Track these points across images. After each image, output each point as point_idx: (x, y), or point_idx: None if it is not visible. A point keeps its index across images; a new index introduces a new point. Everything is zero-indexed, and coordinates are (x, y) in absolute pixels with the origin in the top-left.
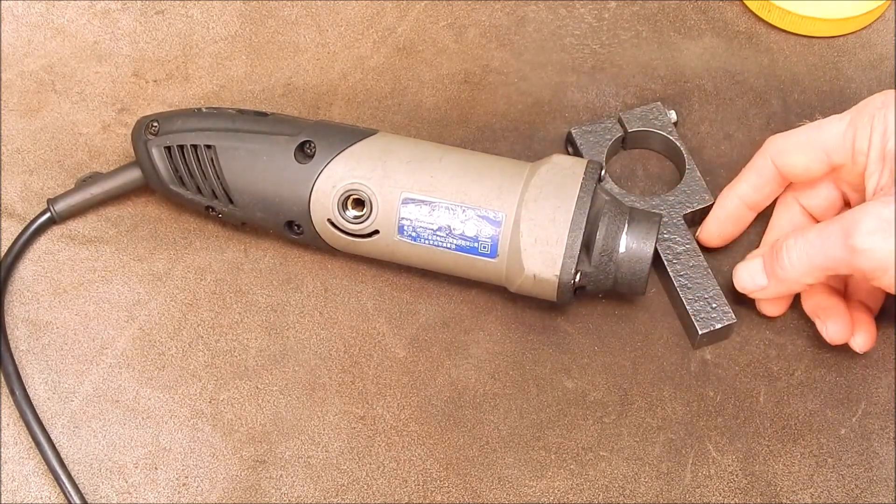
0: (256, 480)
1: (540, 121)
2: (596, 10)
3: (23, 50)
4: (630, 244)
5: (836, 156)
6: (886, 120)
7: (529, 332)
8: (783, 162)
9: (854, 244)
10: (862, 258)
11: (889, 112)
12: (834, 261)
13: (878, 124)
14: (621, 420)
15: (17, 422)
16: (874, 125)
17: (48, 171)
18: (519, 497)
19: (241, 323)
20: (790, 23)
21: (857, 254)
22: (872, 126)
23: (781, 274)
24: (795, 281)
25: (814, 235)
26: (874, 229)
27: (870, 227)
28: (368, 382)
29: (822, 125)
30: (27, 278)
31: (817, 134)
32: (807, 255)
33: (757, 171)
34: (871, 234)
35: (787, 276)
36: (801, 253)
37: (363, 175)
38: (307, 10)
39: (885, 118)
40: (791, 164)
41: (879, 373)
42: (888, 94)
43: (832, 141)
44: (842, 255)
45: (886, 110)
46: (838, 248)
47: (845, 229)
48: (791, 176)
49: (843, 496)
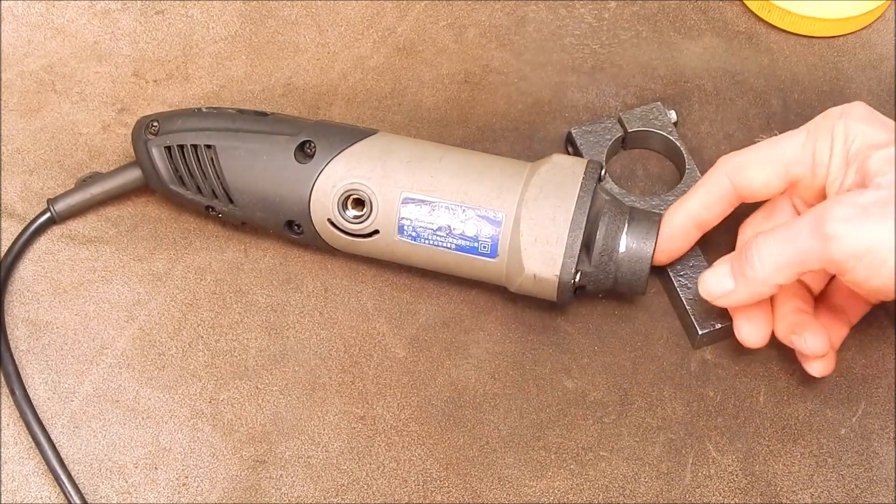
0: (256, 480)
1: (540, 121)
2: (596, 10)
3: (23, 50)
4: (630, 244)
5: (795, 168)
6: (847, 128)
7: (529, 332)
8: (740, 178)
9: (826, 231)
10: (835, 246)
11: (849, 121)
12: (806, 253)
13: (839, 133)
14: (621, 420)
15: (17, 422)
16: (834, 134)
17: (48, 171)
18: (519, 497)
19: (241, 323)
20: (790, 23)
21: (830, 241)
22: (833, 135)
23: (751, 273)
24: (765, 281)
25: (784, 229)
26: (846, 215)
27: (843, 213)
28: (368, 382)
29: (779, 140)
30: (27, 278)
31: (775, 148)
32: (778, 249)
33: (709, 188)
34: (844, 221)
35: (757, 274)
36: (772, 249)
37: (363, 175)
38: (307, 10)
39: (844, 126)
40: (749, 178)
41: (879, 373)
42: (844, 106)
43: (791, 154)
44: (814, 245)
45: (846, 119)
46: (810, 236)
47: (817, 217)
48: (748, 192)
49: (843, 496)
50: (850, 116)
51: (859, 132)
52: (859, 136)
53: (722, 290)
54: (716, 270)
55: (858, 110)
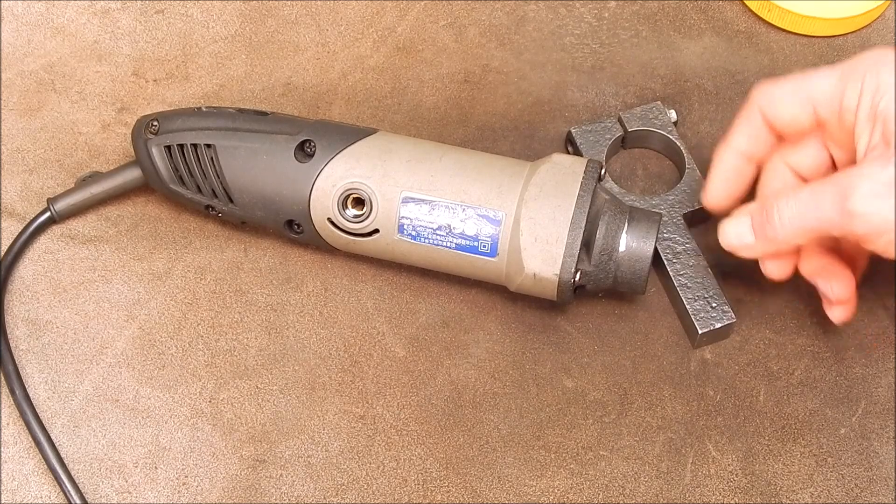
0: (256, 480)
1: (540, 120)
2: (596, 9)
3: (23, 49)
4: (630, 243)
5: (823, 109)
6: (879, 78)
7: (529, 332)
8: (771, 112)
9: (851, 207)
10: (858, 222)
11: (883, 71)
12: (827, 223)
13: (870, 82)
14: (621, 419)
15: (17, 421)
16: (865, 83)
17: (48, 171)
18: (519, 496)
19: (241, 322)
20: (790, 22)
21: (854, 217)
22: (863, 84)
23: (771, 234)
24: (784, 241)
25: (807, 196)
26: (872, 192)
27: (867, 189)
28: (368, 382)
29: (811, 76)
30: (27, 278)
31: (806, 84)
32: (799, 215)
33: (748, 122)
34: (869, 197)
35: (777, 236)
36: (794, 213)
37: (363, 174)
38: (307, 9)
39: (877, 76)
40: (778, 113)
41: (879, 373)
42: (882, 52)
43: (820, 94)
44: (836, 218)
45: (880, 68)
46: (833, 210)
47: (842, 191)
48: (778, 126)
49: (843, 496)
50: (885, 67)
51: (890, 85)
52: (889, 92)
53: (742, 244)
54: (738, 222)
55: (892, 63)
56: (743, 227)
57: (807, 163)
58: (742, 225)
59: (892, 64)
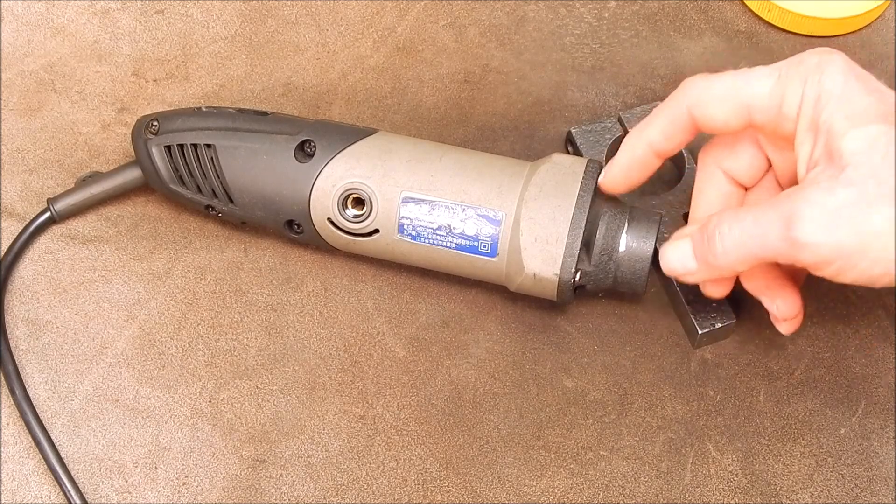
0: (256, 480)
1: (540, 120)
2: (596, 9)
3: (23, 49)
4: (630, 243)
5: (759, 115)
6: (821, 86)
7: (529, 332)
8: (700, 112)
9: (796, 237)
10: (804, 252)
11: (826, 75)
12: (772, 251)
13: (811, 91)
14: (621, 419)
15: (17, 421)
16: (805, 91)
17: (48, 171)
18: (519, 497)
19: (241, 322)
20: (790, 22)
21: (799, 247)
22: (804, 92)
23: (713, 261)
24: (728, 268)
25: (750, 224)
26: (818, 220)
27: (813, 217)
28: (368, 382)
29: (748, 77)
30: (27, 278)
31: (741, 86)
32: (742, 243)
33: (670, 117)
34: (815, 226)
35: (720, 263)
36: (736, 241)
37: (363, 174)
38: (307, 9)
39: (818, 84)
40: (709, 115)
41: (879, 373)
42: (824, 55)
43: (757, 99)
44: (782, 247)
45: (822, 72)
46: (778, 239)
47: (786, 219)
48: (707, 128)
49: (843, 496)
50: (826, 73)
51: (833, 95)
52: (833, 100)
53: (685, 269)
54: (677, 247)
55: (836, 66)
56: (684, 251)
57: (743, 167)
58: (683, 250)
59: (835, 67)
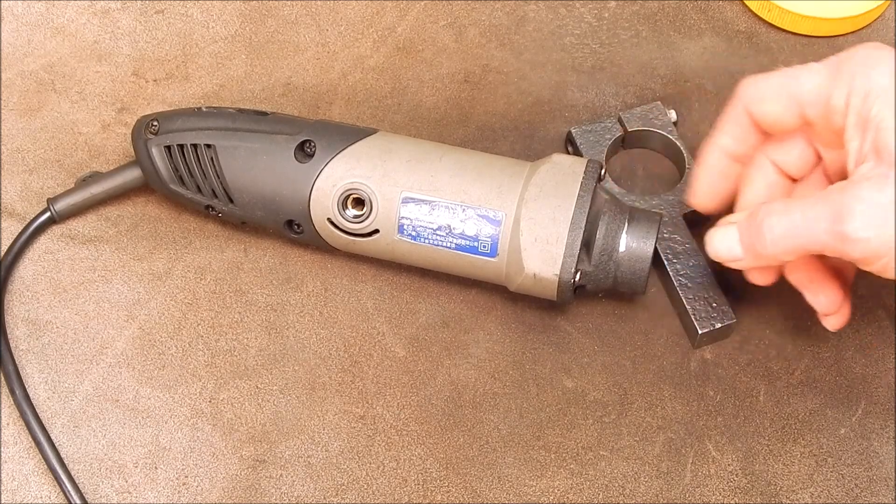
0: (256, 480)
1: (540, 120)
2: (596, 9)
3: (23, 50)
4: (630, 243)
5: (810, 110)
6: (869, 82)
7: (529, 332)
8: (756, 110)
9: (846, 232)
10: (854, 246)
11: (874, 72)
12: (820, 244)
13: (859, 86)
14: (621, 419)
15: (17, 421)
16: (854, 86)
17: (48, 171)
18: (519, 497)
19: (241, 322)
20: (790, 22)
21: (849, 242)
22: (852, 86)
23: (760, 250)
24: (774, 258)
25: (799, 217)
26: (868, 216)
27: (863, 213)
28: (368, 382)
29: (798, 74)
30: (27, 278)
31: (792, 83)
32: (790, 235)
33: (734, 120)
34: (865, 222)
35: (766, 253)
36: (784, 232)
37: (363, 174)
38: (307, 9)
39: (866, 79)
40: (764, 112)
41: (879, 373)
42: (872, 51)
43: (807, 94)
44: (830, 241)
45: (871, 69)
46: (827, 233)
47: (835, 214)
48: (763, 125)
49: (843, 496)
50: (877, 67)
51: (883, 90)
52: (881, 97)
53: (731, 256)
54: (724, 234)
55: (886, 62)
56: (731, 238)
57: (793, 160)
58: (730, 236)
59: (884, 63)
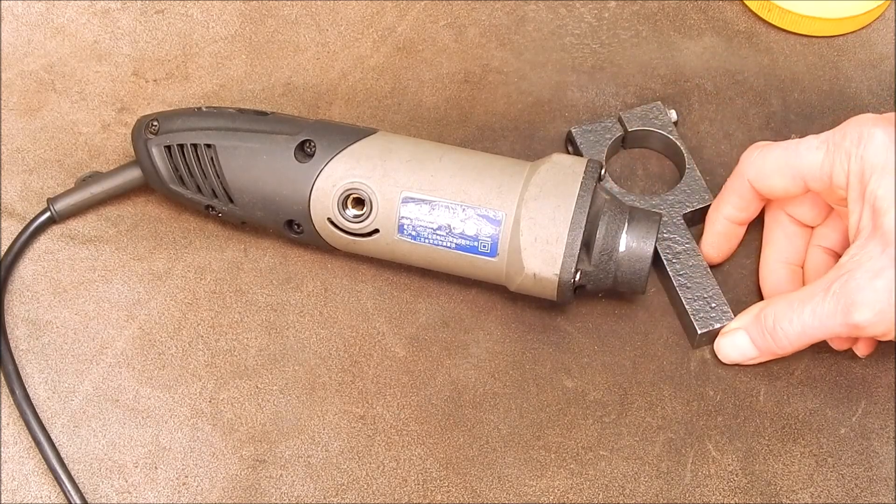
0: (256, 480)
1: (540, 120)
2: (596, 9)
3: (23, 50)
4: (630, 243)
5: (814, 184)
6: (864, 159)
7: (529, 332)
8: (761, 185)
9: (857, 323)
10: (867, 331)
11: (866, 153)
12: (836, 334)
13: (855, 164)
14: (621, 419)
15: (17, 421)
16: (851, 164)
17: (48, 171)
18: (519, 497)
19: (241, 322)
20: (790, 22)
21: (862, 329)
22: (849, 165)
23: (778, 351)
24: (789, 351)
25: (809, 315)
26: (873, 305)
27: (868, 303)
28: (368, 382)
29: (798, 149)
30: (27, 278)
31: (794, 158)
32: (805, 333)
33: (737, 192)
34: (872, 311)
35: (782, 350)
36: (800, 332)
37: (363, 174)
38: (307, 9)
39: (861, 157)
40: (769, 186)
41: (879, 373)
42: (864, 126)
43: (809, 170)
44: (843, 330)
45: (865, 145)
46: (840, 325)
47: (844, 309)
48: (770, 196)
49: (843, 496)
50: (868, 149)
51: (877, 167)
52: (876, 172)
53: (744, 358)
54: (734, 339)
55: (877, 142)
56: (742, 344)
57: (806, 212)
58: (740, 342)
59: (876, 139)
